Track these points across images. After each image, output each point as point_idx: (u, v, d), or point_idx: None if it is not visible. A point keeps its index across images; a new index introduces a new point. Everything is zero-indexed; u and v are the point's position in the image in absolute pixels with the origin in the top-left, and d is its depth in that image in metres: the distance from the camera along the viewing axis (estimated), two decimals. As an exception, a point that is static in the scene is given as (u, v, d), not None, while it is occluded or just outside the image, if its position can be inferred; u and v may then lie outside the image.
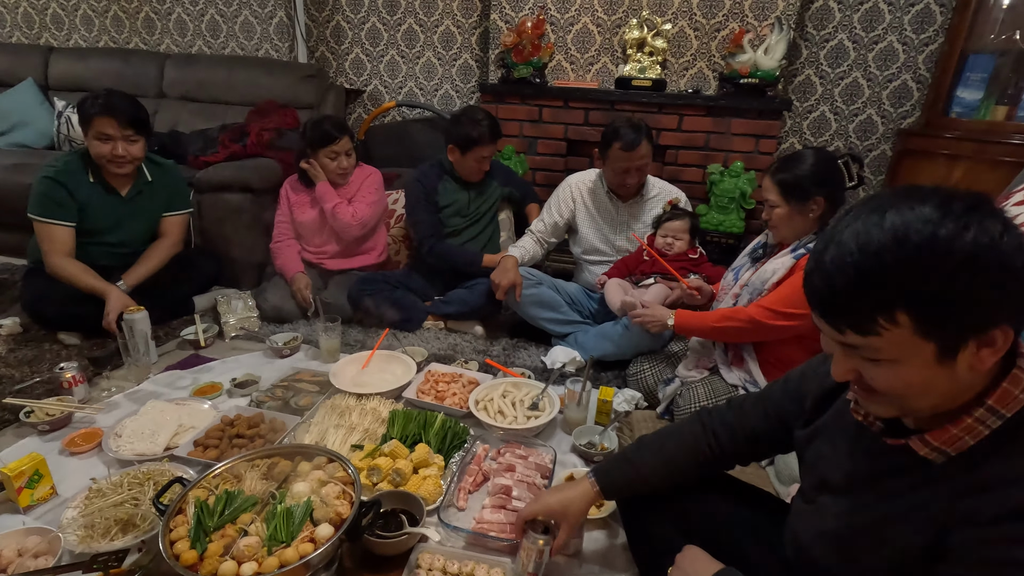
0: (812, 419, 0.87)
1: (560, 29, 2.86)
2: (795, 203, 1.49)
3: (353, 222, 2.34)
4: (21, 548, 1.13)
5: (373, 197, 2.43)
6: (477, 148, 2.26)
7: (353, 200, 2.39)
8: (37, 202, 2.05)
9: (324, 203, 2.32)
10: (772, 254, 1.59)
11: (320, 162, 2.33)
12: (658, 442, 1.05)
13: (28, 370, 1.88)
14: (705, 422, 1.03)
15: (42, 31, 3.77)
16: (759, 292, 1.55)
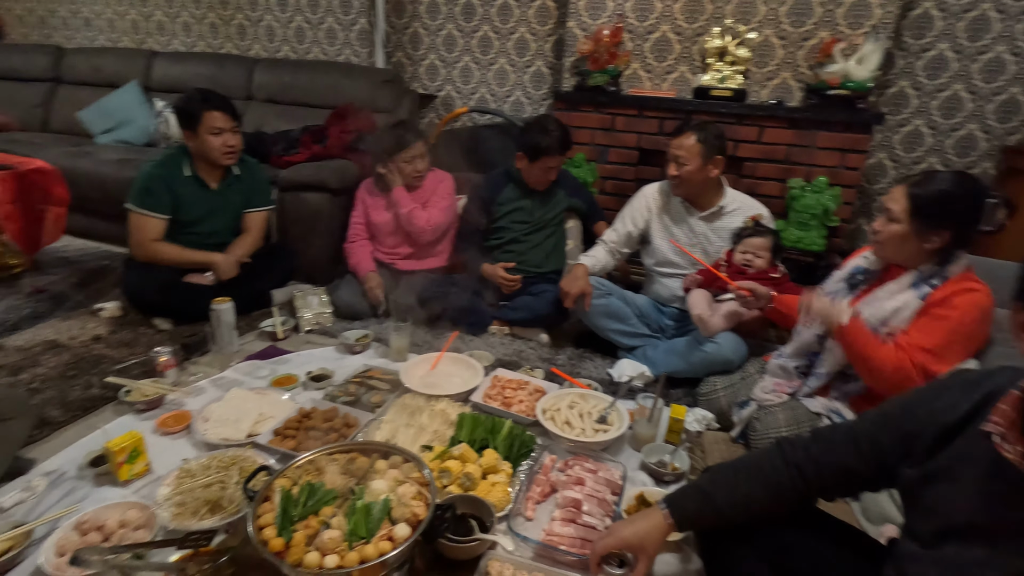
0: (926, 458, 0.81)
1: (638, 37, 2.82)
2: (919, 226, 1.35)
3: (427, 227, 2.39)
4: (123, 520, 1.21)
5: (446, 203, 2.47)
6: (545, 158, 2.26)
7: (427, 204, 2.43)
8: (136, 192, 2.21)
9: (400, 208, 2.37)
10: (875, 282, 1.49)
11: (396, 167, 2.38)
12: (735, 474, 1.00)
13: (126, 351, 2.02)
14: (787, 455, 0.96)
15: (146, 37, 4.06)
16: (873, 330, 1.42)
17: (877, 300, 1.43)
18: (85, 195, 2.88)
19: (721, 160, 2.00)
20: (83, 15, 4.16)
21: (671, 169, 2.00)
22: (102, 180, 2.93)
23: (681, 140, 1.96)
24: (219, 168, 2.29)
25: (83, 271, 2.73)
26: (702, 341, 1.90)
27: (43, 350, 1.99)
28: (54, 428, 1.60)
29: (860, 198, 2.86)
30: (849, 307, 1.45)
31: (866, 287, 1.51)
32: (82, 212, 2.98)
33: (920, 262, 1.41)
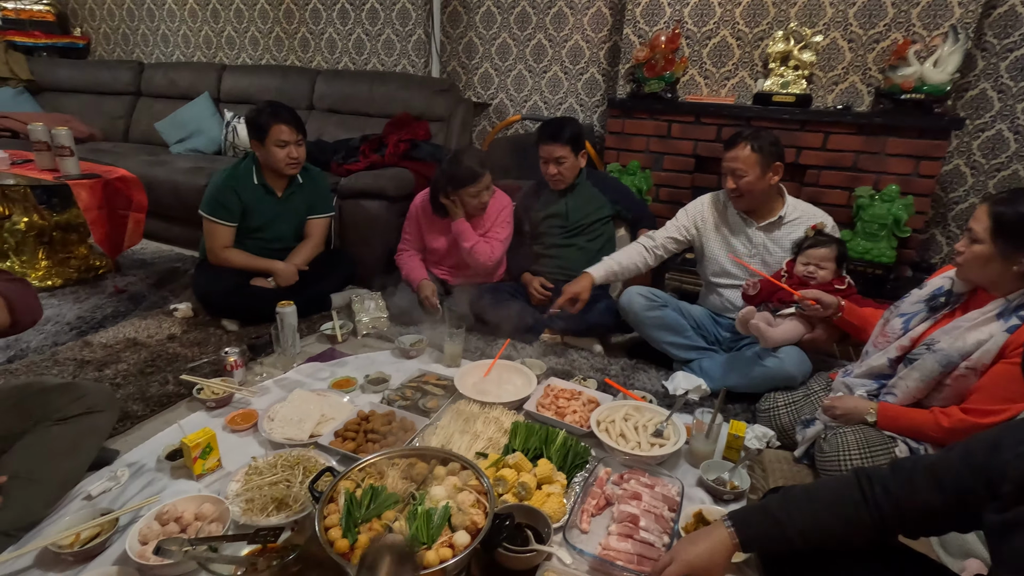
0: (1013, 504, 0.75)
1: (696, 43, 2.77)
2: (1003, 247, 1.27)
3: (489, 262, 2.41)
4: (198, 513, 1.28)
5: (507, 231, 2.46)
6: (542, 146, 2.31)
7: (488, 234, 2.43)
8: (208, 201, 2.33)
9: (463, 240, 2.35)
10: (959, 306, 1.40)
11: (461, 199, 2.33)
12: (809, 502, 0.96)
13: (197, 350, 2.13)
14: (865, 489, 0.92)
15: (217, 51, 4.29)
16: (950, 363, 1.34)
17: (959, 329, 1.34)
18: (160, 201, 3.06)
19: (780, 166, 1.94)
20: (162, 32, 4.44)
21: (728, 183, 1.95)
22: (176, 187, 3.11)
23: (736, 152, 1.91)
24: (284, 177, 2.39)
25: (158, 273, 2.91)
26: (763, 355, 1.84)
27: (124, 347, 2.13)
28: (134, 421, 1.70)
29: (934, 207, 2.71)
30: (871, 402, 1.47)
31: (948, 311, 1.42)
32: (157, 217, 3.18)
33: (1008, 288, 1.31)
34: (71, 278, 2.75)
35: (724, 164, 1.95)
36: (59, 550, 1.19)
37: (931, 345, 1.38)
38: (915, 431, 1.39)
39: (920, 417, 1.39)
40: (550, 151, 2.29)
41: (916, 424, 1.39)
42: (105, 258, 2.88)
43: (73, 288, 2.69)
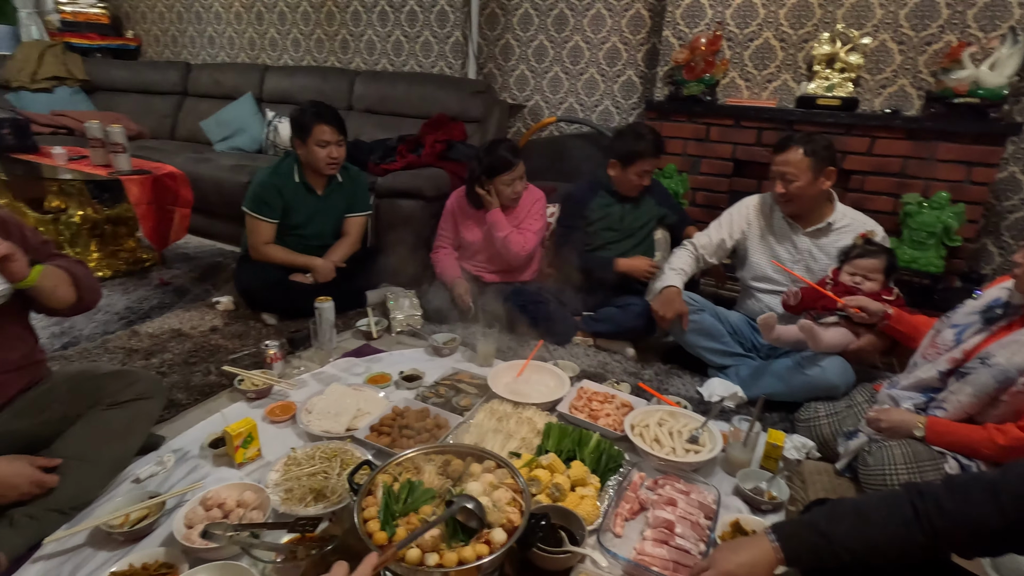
0: None
1: (738, 45, 2.73)
2: None
3: (522, 253, 2.41)
4: (240, 500, 1.31)
5: (540, 224, 2.48)
6: (639, 162, 2.24)
7: (521, 225, 2.44)
8: (251, 198, 2.39)
9: (496, 231, 2.37)
10: (1016, 319, 1.34)
11: (495, 188, 2.36)
12: (857, 517, 0.93)
13: (238, 343, 2.19)
14: (917, 506, 0.88)
15: (260, 52, 4.41)
16: (1007, 378, 1.27)
17: (1016, 343, 1.28)
18: (204, 198, 3.15)
19: (833, 171, 1.89)
20: (208, 34, 4.59)
21: (778, 187, 1.90)
22: (219, 184, 3.20)
23: (786, 156, 1.87)
24: (324, 175, 2.44)
25: (201, 267, 3.00)
26: (804, 364, 1.79)
27: (169, 337, 2.20)
28: (179, 409, 1.76)
29: (987, 216, 2.60)
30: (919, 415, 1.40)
31: (1005, 324, 1.36)
32: (200, 213, 3.27)
33: None
34: (120, 270, 2.86)
35: (773, 168, 1.91)
36: (110, 529, 1.23)
37: (986, 359, 1.32)
38: (967, 448, 1.34)
39: (973, 433, 1.33)
40: (653, 164, 2.28)
41: (968, 440, 1.33)
42: (152, 251, 2.99)
43: (122, 280, 2.79)
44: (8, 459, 1.19)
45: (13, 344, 1.30)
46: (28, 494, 1.21)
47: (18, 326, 1.33)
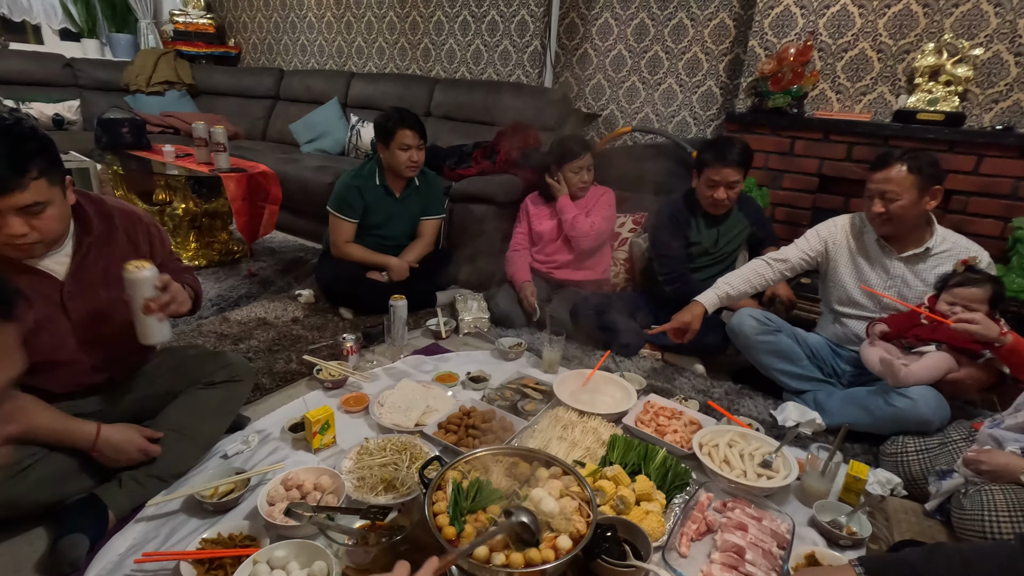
0: None
1: (830, 56, 2.61)
2: None
3: (590, 232, 2.48)
4: (317, 483, 1.38)
5: (607, 212, 2.56)
6: (720, 168, 2.14)
7: (590, 213, 2.53)
8: (335, 198, 2.52)
9: (564, 214, 2.48)
10: None
11: (564, 176, 2.52)
12: (962, 565, 0.86)
13: (317, 334, 2.31)
14: None
15: (347, 60, 4.64)
16: None
17: None
18: (290, 196, 3.34)
19: (940, 191, 1.76)
20: (301, 42, 4.88)
21: (876, 206, 1.78)
22: (305, 183, 3.39)
23: (888, 173, 1.74)
24: (403, 179, 2.53)
25: (285, 260, 3.19)
26: (892, 394, 1.68)
27: (255, 325, 2.35)
28: (263, 393, 1.87)
29: (1113, 245, 2.34)
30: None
31: None
32: (285, 210, 3.47)
33: None
34: (213, 260, 3.08)
35: (872, 185, 1.79)
36: (202, 499, 1.33)
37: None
38: None
39: None
40: (726, 175, 2.14)
41: None
42: (242, 244, 3.20)
43: (214, 269, 3.01)
44: (121, 427, 1.31)
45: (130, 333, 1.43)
46: (135, 460, 1.33)
47: None
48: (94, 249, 1.32)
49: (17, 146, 1.07)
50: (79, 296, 1.30)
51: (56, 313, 1.28)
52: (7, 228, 1.10)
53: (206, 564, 1.17)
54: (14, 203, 1.08)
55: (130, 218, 1.40)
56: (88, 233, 1.30)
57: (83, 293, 1.30)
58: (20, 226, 1.11)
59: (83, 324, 1.32)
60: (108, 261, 1.33)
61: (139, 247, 1.40)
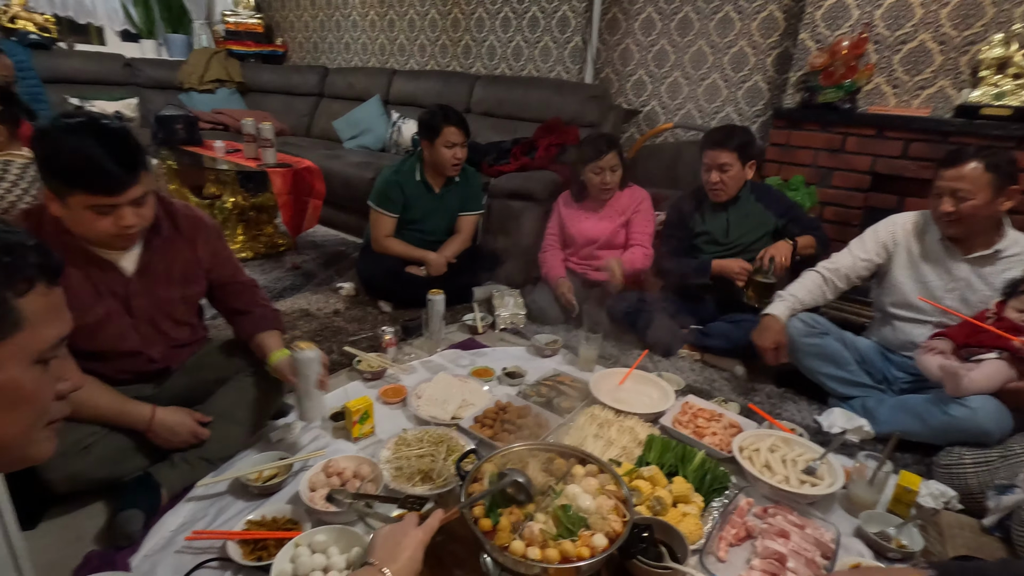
0: None
1: (887, 48, 2.49)
2: None
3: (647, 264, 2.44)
4: (356, 471, 1.41)
5: (652, 227, 2.49)
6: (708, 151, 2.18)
7: (629, 223, 2.46)
8: (376, 193, 2.56)
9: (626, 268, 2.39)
10: None
11: (585, 176, 2.43)
12: None
13: (357, 326, 2.36)
14: None
15: (389, 57, 4.71)
16: None
17: None
18: (332, 191, 3.40)
19: (1017, 191, 1.67)
20: (345, 40, 4.98)
21: (945, 205, 1.69)
22: (347, 179, 3.46)
23: (960, 170, 1.65)
24: (443, 175, 2.56)
25: (327, 254, 3.26)
26: (948, 402, 1.60)
27: (299, 316, 2.42)
28: (307, 383, 1.92)
29: None
30: None
31: None
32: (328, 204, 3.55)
33: None
34: (259, 252, 3.18)
35: (941, 183, 1.70)
36: (247, 482, 1.38)
37: None
38: None
39: None
40: (714, 157, 2.17)
41: None
42: (287, 237, 3.30)
43: (260, 261, 3.11)
44: (174, 410, 1.38)
45: (184, 325, 1.51)
46: (186, 442, 1.39)
47: (191, 314, 1.54)
48: (160, 249, 1.38)
49: (131, 147, 1.19)
50: (143, 292, 1.38)
51: (121, 307, 1.36)
52: (122, 220, 1.20)
53: (251, 544, 1.21)
54: (129, 196, 1.19)
55: (194, 222, 1.46)
56: (157, 234, 1.37)
57: (147, 290, 1.38)
58: (132, 216, 1.21)
59: (145, 319, 1.40)
60: (171, 261, 1.41)
61: (198, 252, 1.46)
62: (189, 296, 1.48)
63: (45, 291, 0.60)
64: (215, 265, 1.50)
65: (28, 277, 0.58)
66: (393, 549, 0.88)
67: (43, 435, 0.63)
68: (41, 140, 1.17)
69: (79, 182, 1.15)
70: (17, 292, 0.57)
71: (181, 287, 1.43)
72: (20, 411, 0.60)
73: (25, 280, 0.58)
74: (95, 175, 1.14)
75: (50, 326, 0.61)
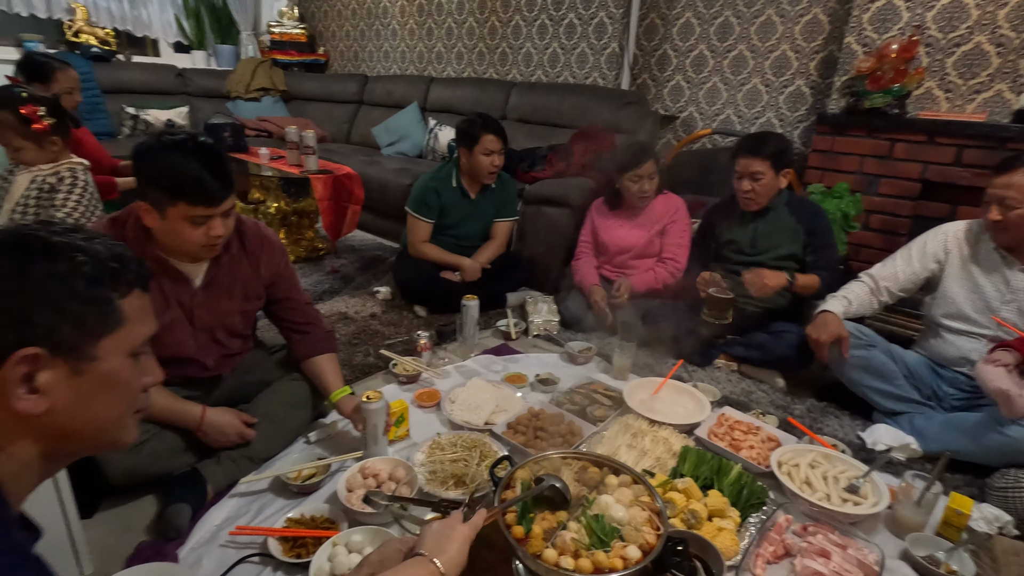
0: None
1: (939, 51, 2.40)
2: None
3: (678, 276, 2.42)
4: (392, 473, 1.44)
5: (688, 236, 2.46)
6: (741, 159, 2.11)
7: (665, 232, 2.44)
8: (413, 199, 2.61)
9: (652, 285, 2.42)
10: None
11: (622, 184, 2.41)
12: None
13: (393, 330, 2.40)
14: None
15: (427, 65, 4.79)
16: None
17: None
18: (370, 196, 3.47)
19: None
20: (384, 49, 5.09)
21: (993, 213, 1.63)
22: (384, 185, 3.53)
23: (1011, 177, 1.59)
24: (479, 181, 2.59)
25: (364, 258, 3.34)
26: (1003, 422, 1.53)
27: (337, 319, 2.48)
28: (343, 384, 1.97)
29: None
30: None
31: None
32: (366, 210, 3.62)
33: None
34: (300, 256, 3.28)
35: (992, 191, 1.64)
36: (287, 481, 1.43)
37: None
38: None
39: None
40: (746, 164, 2.10)
41: None
42: (326, 241, 3.38)
43: (301, 265, 3.20)
44: (223, 411, 1.44)
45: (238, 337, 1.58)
46: (233, 443, 1.45)
47: (247, 326, 1.60)
48: (227, 264, 1.45)
49: (225, 164, 1.29)
50: (206, 304, 1.44)
51: (185, 316, 1.43)
52: (213, 230, 1.29)
53: (290, 541, 1.25)
54: (223, 209, 1.29)
55: (260, 241, 1.52)
56: (226, 250, 1.44)
57: (210, 301, 1.45)
58: (221, 227, 1.31)
59: (204, 329, 1.46)
60: (235, 277, 1.47)
61: (261, 270, 1.52)
62: (248, 310, 1.54)
63: (140, 295, 0.69)
64: (275, 282, 1.56)
65: (129, 282, 0.67)
66: (444, 542, 0.91)
67: (131, 422, 0.71)
68: (145, 156, 1.25)
69: (182, 195, 1.23)
70: (121, 294, 0.66)
71: (241, 301, 1.50)
72: (118, 397, 0.68)
73: (127, 284, 0.67)
74: (198, 188, 1.23)
75: (143, 325, 0.70)
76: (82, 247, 0.64)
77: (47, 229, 0.65)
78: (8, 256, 0.61)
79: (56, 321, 0.61)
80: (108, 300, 0.65)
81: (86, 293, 0.63)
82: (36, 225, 0.66)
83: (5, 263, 0.61)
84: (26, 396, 0.60)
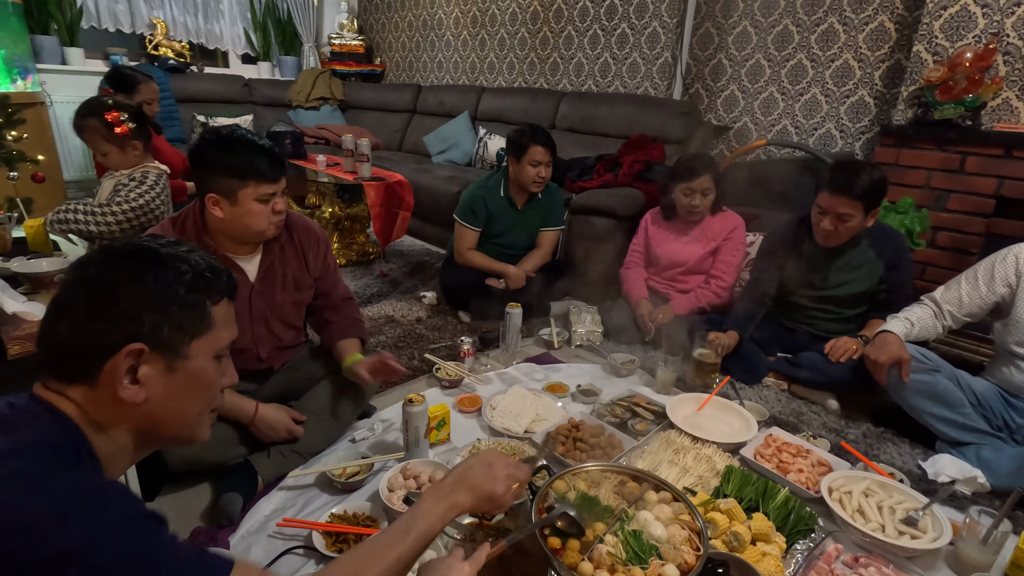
0: None
1: (1019, 60, 2.26)
2: None
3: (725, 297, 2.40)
4: (431, 476, 1.47)
5: (740, 257, 2.43)
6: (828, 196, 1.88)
7: (718, 251, 2.41)
8: (462, 207, 2.65)
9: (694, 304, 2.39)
10: None
11: (675, 197, 2.37)
12: None
13: (437, 335, 2.44)
14: None
15: (479, 75, 4.88)
16: None
17: None
18: (419, 203, 3.56)
19: None
20: (438, 59, 5.22)
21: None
22: (434, 192, 3.61)
23: None
24: (526, 191, 2.61)
25: (412, 264, 3.41)
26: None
27: (384, 322, 2.55)
28: (388, 386, 2.02)
29: None
30: None
31: None
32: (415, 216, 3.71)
33: None
34: (351, 259, 3.39)
35: None
36: (332, 477, 1.47)
37: None
38: None
39: None
40: (833, 204, 1.87)
41: None
42: (376, 246, 3.48)
43: (352, 268, 3.31)
44: (274, 407, 1.51)
45: (291, 328, 1.66)
46: (282, 437, 1.51)
47: (298, 317, 1.69)
48: (278, 256, 1.55)
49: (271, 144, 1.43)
50: (262, 295, 1.54)
51: (243, 308, 1.52)
52: (277, 205, 1.43)
53: (333, 536, 1.29)
54: (282, 185, 1.43)
55: (307, 233, 1.62)
56: (276, 241, 1.54)
57: (265, 293, 1.55)
58: (282, 203, 1.45)
59: (260, 320, 1.56)
60: (286, 268, 1.57)
61: (308, 261, 1.62)
62: (299, 301, 1.63)
63: (227, 304, 0.77)
64: (321, 274, 1.65)
65: (220, 291, 0.75)
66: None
67: (207, 420, 0.78)
68: (208, 150, 1.37)
69: (252, 174, 1.36)
70: (213, 301, 0.74)
71: (293, 292, 1.59)
72: (202, 395, 0.75)
73: (218, 292, 0.75)
74: (265, 165, 1.37)
75: (227, 331, 0.78)
76: (185, 258, 0.72)
77: (157, 241, 0.73)
78: (128, 264, 0.70)
79: (160, 321, 0.69)
80: (203, 306, 0.73)
81: (186, 298, 0.71)
82: (147, 237, 0.74)
83: (125, 270, 0.69)
84: (129, 386, 0.68)
